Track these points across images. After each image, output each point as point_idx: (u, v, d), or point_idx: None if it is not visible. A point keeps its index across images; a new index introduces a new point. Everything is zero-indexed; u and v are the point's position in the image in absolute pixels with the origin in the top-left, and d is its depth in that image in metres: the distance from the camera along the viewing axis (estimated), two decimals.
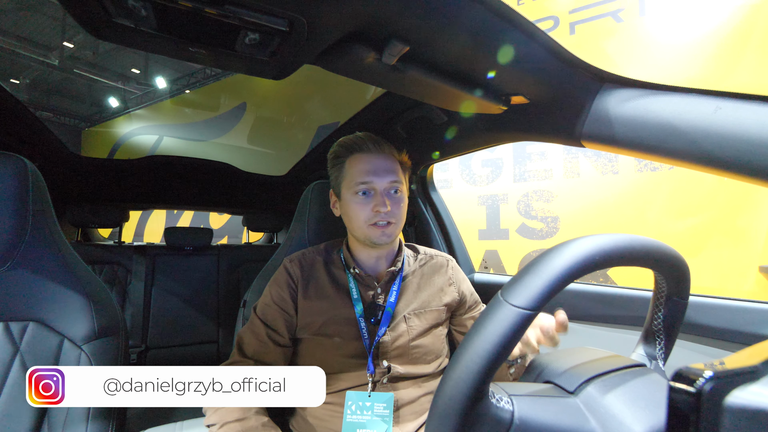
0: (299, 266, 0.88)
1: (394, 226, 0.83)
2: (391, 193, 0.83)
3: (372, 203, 0.81)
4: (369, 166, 0.82)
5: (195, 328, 2.13)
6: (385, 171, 0.82)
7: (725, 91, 0.60)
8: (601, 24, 2.63)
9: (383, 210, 0.80)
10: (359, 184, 0.82)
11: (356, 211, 0.83)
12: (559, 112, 0.81)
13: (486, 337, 0.35)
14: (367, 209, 0.81)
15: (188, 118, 8.04)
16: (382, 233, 0.81)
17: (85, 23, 0.56)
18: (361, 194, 0.82)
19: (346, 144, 0.86)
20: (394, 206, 0.82)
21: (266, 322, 0.83)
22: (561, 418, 0.37)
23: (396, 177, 0.83)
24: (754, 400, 0.25)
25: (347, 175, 0.84)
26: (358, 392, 0.79)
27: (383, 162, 0.83)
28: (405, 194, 0.86)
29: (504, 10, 0.58)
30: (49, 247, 0.82)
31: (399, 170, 0.85)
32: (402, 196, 0.85)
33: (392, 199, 0.82)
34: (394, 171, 0.84)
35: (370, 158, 0.83)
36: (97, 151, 10.30)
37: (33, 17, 7.48)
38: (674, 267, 0.45)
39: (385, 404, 0.77)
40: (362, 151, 0.84)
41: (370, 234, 0.82)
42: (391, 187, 0.83)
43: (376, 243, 0.82)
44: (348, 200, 0.84)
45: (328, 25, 0.58)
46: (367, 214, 0.81)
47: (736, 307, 0.83)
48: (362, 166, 0.83)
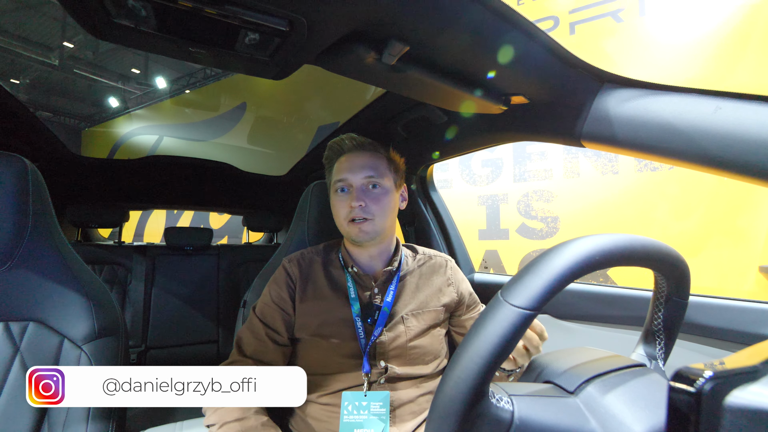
0: (298, 266, 0.88)
1: (372, 222, 0.82)
2: (369, 188, 0.83)
3: (348, 200, 0.82)
4: (345, 164, 0.85)
5: (195, 328, 2.13)
6: (360, 167, 0.83)
7: (725, 91, 0.60)
8: (601, 24, 2.63)
9: (355, 204, 0.80)
10: (337, 182, 0.84)
11: (336, 208, 0.85)
12: (559, 112, 0.81)
13: (486, 337, 0.35)
14: (345, 206, 0.83)
15: (188, 118, 8.04)
16: (359, 230, 0.81)
17: (85, 23, 0.56)
18: (340, 191, 0.84)
19: (332, 146, 0.89)
20: (371, 201, 0.82)
21: (265, 322, 0.83)
22: (561, 418, 0.37)
23: (372, 172, 0.83)
24: (754, 400, 0.25)
25: (332, 176, 0.87)
26: (354, 392, 0.79)
27: (361, 159, 0.84)
28: (389, 189, 0.85)
29: (504, 10, 0.58)
30: (49, 247, 0.82)
31: (381, 166, 0.85)
32: (382, 192, 0.84)
33: (369, 195, 0.83)
34: (371, 167, 0.84)
35: (349, 157, 0.85)
36: (97, 151, 10.30)
37: (33, 17, 7.48)
38: (674, 267, 0.45)
39: (382, 403, 0.77)
40: (343, 152, 0.87)
41: (349, 231, 0.83)
42: (367, 182, 0.83)
43: (356, 240, 0.83)
44: (331, 199, 0.87)
45: (328, 25, 0.58)
46: (344, 211, 0.83)
47: (736, 307, 0.83)
48: (342, 165, 0.85)
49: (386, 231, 0.86)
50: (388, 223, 0.85)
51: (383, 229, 0.84)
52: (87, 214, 2.00)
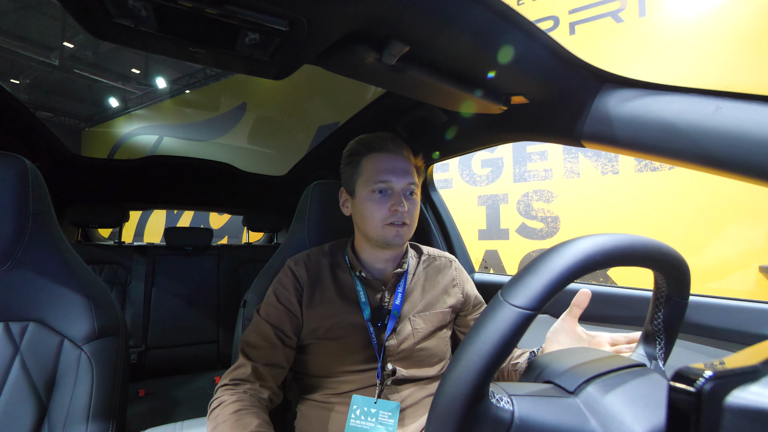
0: (305, 269, 0.86)
1: (408, 227, 0.82)
2: (408, 194, 0.82)
3: (390, 202, 0.80)
4: (388, 165, 0.81)
5: (195, 329, 2.13)
6: (403, 172, 0.82)
7: (725, 91, 0.60)
8: (601, 24, 2.63)
9: (401, 209, 0.79)
10: (378, 183, 0.81)
11: (372, 209, 0.81)
12: (559, 112, 0.81)
13: (486, 338, 0.35)
14: (384, 208, 0.80)
15: (188, 118, 8.04)
16: (396, 233, 0.80)
17: (85, 23, 0.56)
18: (378, 193, 0.81)
19: (365, 142, 0.85)
20: (411, 207, 0.82)
21: (273, 323, 0.81)
22: (561, 418, 0.37)
23: (413, 179, 0.83)
24: (754, 400, 0.25)
25: (363, 173, 0.83)
26: (365, 397, 0.77)
27: (402, 163, 0.83)
28: (419, 198, 0.86)
29: (504, 10, 0.58)
30: (49, 247, 0.82)
31: (414, 173, 0.85)
32: (416, 200, 0.84)
33: (408, 201, 0.82)
34: (411, 173, 0.83)
35: (390, 158, 0.82)
36: (97, 151, 10.30)
37: (33, 17, 7.48)
38: (674, 267, 0.45)
39: (391, 413, 0.76)
40: (382, 151, 0.83)
41: (385, 234, 0.80)
42: (408, 188, 0.82)
43: (390, 243, 0.81)
44: (363, 198, 0.83)
45: (328, 25, 0.58)
46: (383, 213, 0.80)
47: (736, 307, 0.83)
48: (381, 164, 0.82)
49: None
50: (414, 229, 0.86)
51: (411, 234, 0.85)
52: (87, 214, 2.00)
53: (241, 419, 0.65)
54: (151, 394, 1.83)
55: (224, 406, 0.68)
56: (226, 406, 0.68)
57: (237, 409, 0.67)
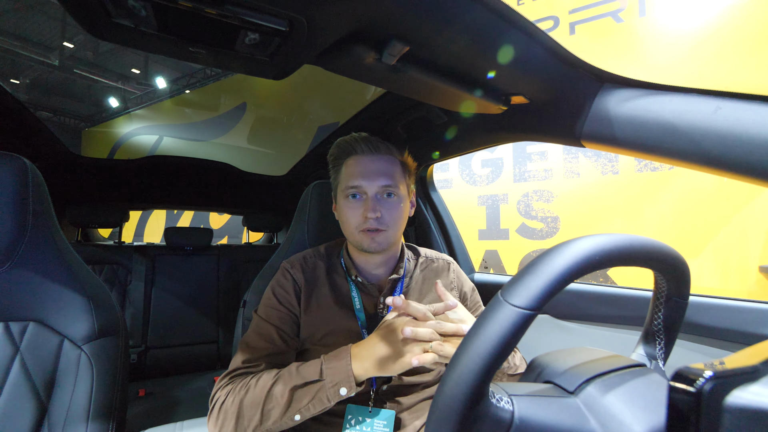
0: (302, 271, 0.85)
1: (385, 233, 0.78)
2: (384, 197, 0.79)
3: (362, 208, 0.78)
4: (360, 169, 0.79)
5: (195, 329, 2.13)
6: (376, 174, 0.78)
7: (725, 91, 0.60)
8: (601, 24, 2.63)
9: (371, 216, 0.76)
10: (349, 188, 0.79)
11: (347, 215, 0.80)
12: (559, 112, 0.81)
13: (486, 338, 0.35)
14: (357, 214, 0.78)
15: (188, 118, 8.04)
16: (371, 240, 0.78)
17: (85, 23, 0.56)
18: (351, 198, 0.79)
19: (342, 145, 0.83)
20: (387, 212, 0.78)
21: (274, 324, 0.80)
22: (561, 418, 0.37)
23: (389, 181, 0.79)
24: (754, 400, 0.25)
25: (341, 179, 0.82)
26: (359, 407, 0.76)
27: (377, 164, 0.80)
28: (403, 198, 0.82)
29: (504, 10, 0.58)
30: (49, 247, 0.82)
31: (397, 172, 0.81)
32: (397, 201, 0.80)
33: (385, 204, 0.79)
34: (388, 174, 0.80)
35: (363, 161, 0.80)
36: (97, 151, 10.30)
37: (33, 17, 7.48)
38: (674, 267, 0.45)
39: (386, 422, 0.75)
40: (356, 153, 0.81)
41: (360, 240, 0.79)
42: (383, 191, 0.79)
43: (367, 250, 0.79)
44: (341, 204, 0.82)
45: (328, 25, 0.58)
46: (357, 220, 0.78)
47: (736, 307, 0.83)
48: (354, 168, 0.80)
49: (397, 240, 0.83)
50: (400, 232, 0.83)
51: (395, 239, 0.81)
52: (87, 214, 2.00)
53: (259, 382, 0.69)
54: (151, 394, 1.83)
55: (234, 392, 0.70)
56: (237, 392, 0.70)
57: (247, 382, 0.70)
